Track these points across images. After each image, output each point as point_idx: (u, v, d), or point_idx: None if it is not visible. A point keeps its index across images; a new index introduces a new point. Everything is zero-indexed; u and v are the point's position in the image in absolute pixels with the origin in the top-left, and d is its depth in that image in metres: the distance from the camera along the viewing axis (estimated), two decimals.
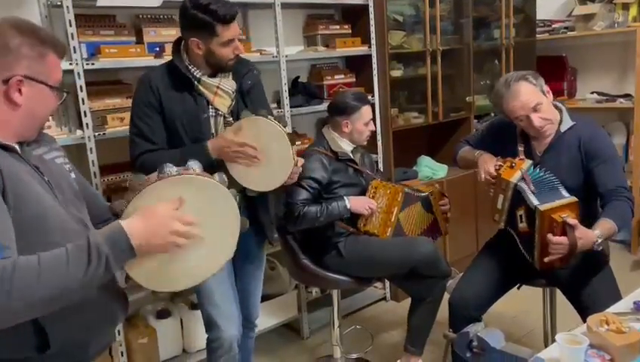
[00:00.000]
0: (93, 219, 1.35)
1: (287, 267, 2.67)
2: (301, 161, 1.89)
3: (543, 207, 1.83)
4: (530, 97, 1.97)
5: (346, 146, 2.41)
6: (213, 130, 1.90)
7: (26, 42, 1.16)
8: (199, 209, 1.22)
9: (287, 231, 2.41)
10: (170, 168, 1.27)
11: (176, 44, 1.93)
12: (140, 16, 2.50)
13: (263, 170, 1.82)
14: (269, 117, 1.82)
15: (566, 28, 4.09)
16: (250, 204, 1.98)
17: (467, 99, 3.67)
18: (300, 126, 3.20)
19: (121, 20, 2.48)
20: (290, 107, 2.85)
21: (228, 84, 1.92)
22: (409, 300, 2.52)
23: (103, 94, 2.33)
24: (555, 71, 4.19)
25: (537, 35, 4.10)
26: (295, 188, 2.27)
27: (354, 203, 2.31)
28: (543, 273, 2.13)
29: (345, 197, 2.31)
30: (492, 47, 3.87)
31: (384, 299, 3.45)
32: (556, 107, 2.09)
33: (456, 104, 3.67)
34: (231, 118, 1.93)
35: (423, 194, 2.47)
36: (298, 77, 3.06)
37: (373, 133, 2.93)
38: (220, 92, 1.89)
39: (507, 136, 2.18)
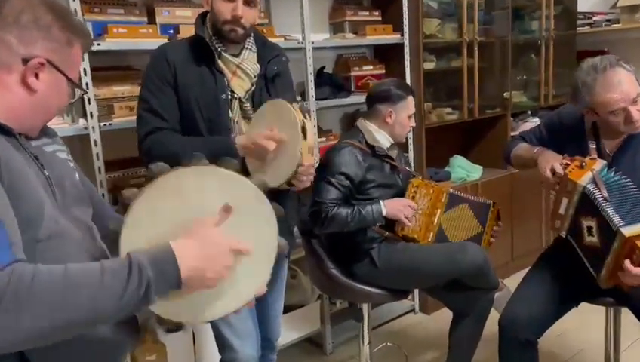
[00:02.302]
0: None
1: (310, 276, 2.40)
2: (310, 160, 1.57)
3: (627, 232, 1.55)
4: (630, 87, 1.67)
5: (384, 141, 2.14)
6: (231, 115, 1.65)
7: (58, 24, 1.00)
8: (239, 218, 0.98)
9: (313, 235, 2.14)
10: (202, 158, 1.03)
11: (202, 17, 1.70)
12: None
13: (271, 161, 1.55)
14: (294, 104, 1.55)
15: (608, 20, 3.79)
16: None
17: (504, 95, 3.39)
18: (325, 121, 2.94)
19: None
20: (316, 99, 2.58)
21: (250, 65, 1.66)
22: (440, 313, 2.25)
23: (110, 80, 2.08)
24: None
25: (577, 29, 3.81)
26: (324, 186, 2.01)
27: (390, 207, 2.03)
28: (613, 292, 1.85)
29: (380, 202, 2.03)
30: (529, 41, 3.60)
31: (412, 311, 3.17)
32: None
33: (491, 100, 3.39)
34: (248, 105, 1.67)
35: (486, 201, 2.22)
36: (323, 67, 2.80)
37: None
38: (240, 72, 1.65)
39: (573, 132, 1.89)
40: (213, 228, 0.96)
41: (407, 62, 2.91)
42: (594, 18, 3.84)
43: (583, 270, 1.74)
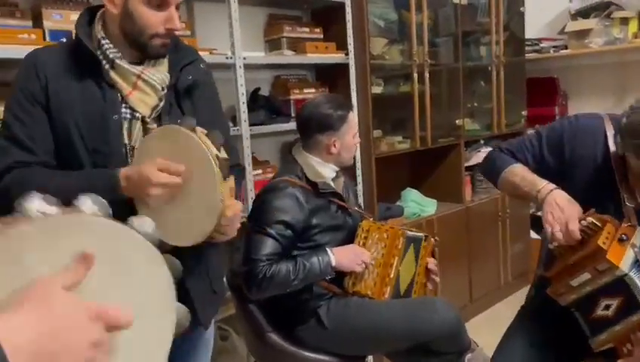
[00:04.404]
0: None
1: (245, 341, 1.96)
2: (236, 207, 1.18)
3: None
4: None
5: (328, 173, 1.78)
6: (126, 140, 1.22)
7: None
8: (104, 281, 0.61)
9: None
10: (40, 201, 0.62)
11: (90, 12, 1.28)
12: None
13: (180, 211, 1.14)
14: (198, 129, 1.15)
15: (556, 47, 3.67)
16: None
17: (457, 122, 3.13)
18: (261, 150, 2.54)
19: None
20: (250, 125, 2.19)
21: (156, 75, 1.25)
22: None
23: None
24: (546, 94, 3.75)
25: (525, 55, 3.66)
26: (259, 238, 1.61)
27: (341, 257, 1.66)
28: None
29: (328, 250, 1.66)
30: (478, 67, 3.40)
31: None
32: None
33: (443, 129, 3.12)
34: (155, 126, 1.25)
35: (418, 234, 1.85)
36: (258, 88, 2.42)
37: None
38: (142, 84, 1.23)
39: (593, 170, 1.39)
40: (61, 292, 0.56)
41: (353, 85, 2.59)
42: (541, 44, 3.71)
43: (574, 330, 1.41)
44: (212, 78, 1.45)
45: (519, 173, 1.46)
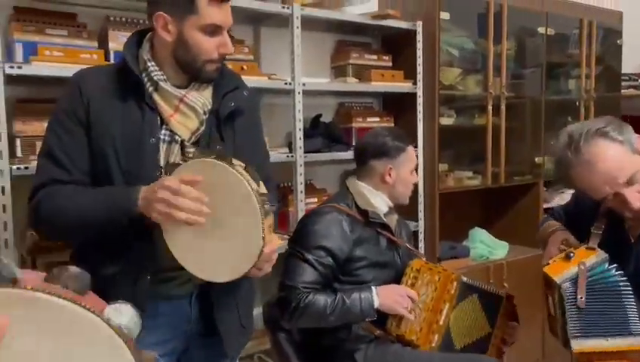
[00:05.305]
0: None
1: None
2: (274, 243, 1.13)
3: (577, 346, 1.29)
4: (617, 166, 1.23)
5: (380, 205, 1.68)
6: (162, 163, 1.20)
7: None
8: None
9: (279, 326, 1.64)
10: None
11: (139, 33, 1.29)
12: (111, 18, 1.88)
13: (217, 247, 1.10)
14: (236, 162, 1.10)
15: None
16: (206, 293, 1.25)
17: (536, 160, 2.90)
18: (319, 178, 2.48)
19: (84, 20, 1.87)
20: (305, 152, 2.13)
21: (199, 98, 1.23)
22: None
23: (35, 114, 1.67)
24: None
25: (621, 91, 3.35)
26: (297, 263, 1.54)
27: (385, 297, 1.54)
28: None
29: (373, 289, 1.54)
30: (566, 102, 3.14)
31: None
32: None
33: (520, 166, 2.90)
34: (194, 150, 1.23)
35: (495, 291, 1.71)
36: (320, 115, 2.37)
37: (414, 193, 2.20)
38: (184, 107, 1.21)
39: (591, 209, 1.45)
40: None
41: (419, 115, 2.47)
42: None
43: None
44: (257, 104, 1.43)
45: (549, 224, 1.59)
